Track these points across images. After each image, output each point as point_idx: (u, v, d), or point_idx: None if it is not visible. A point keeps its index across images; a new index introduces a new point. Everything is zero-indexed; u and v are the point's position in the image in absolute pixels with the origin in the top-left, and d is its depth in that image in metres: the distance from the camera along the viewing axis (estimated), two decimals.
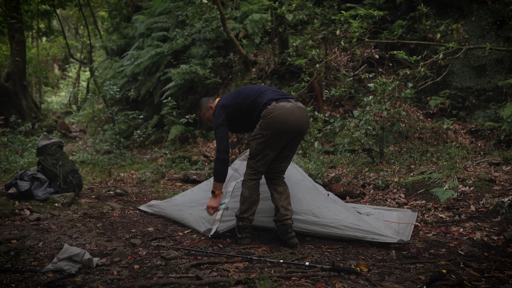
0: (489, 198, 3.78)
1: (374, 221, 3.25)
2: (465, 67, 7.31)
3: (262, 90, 3.12)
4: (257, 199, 3.07)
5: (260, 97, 3.05)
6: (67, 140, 13.63)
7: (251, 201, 3.04)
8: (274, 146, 2.99)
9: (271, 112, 2.92)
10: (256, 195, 3.06)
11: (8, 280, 2.31)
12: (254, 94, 3.09)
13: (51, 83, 23.99)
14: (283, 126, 2.92)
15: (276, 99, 2.98)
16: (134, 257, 2.81)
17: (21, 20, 13.64)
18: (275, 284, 2.27)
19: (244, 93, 3.14)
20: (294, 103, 2.98)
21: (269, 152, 3.00)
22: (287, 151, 3.11)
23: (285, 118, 2.90)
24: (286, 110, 2.92)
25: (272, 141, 2.97)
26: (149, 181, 6.66)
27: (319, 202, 3.31)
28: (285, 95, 3.06)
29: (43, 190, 4.31)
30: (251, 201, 3.04)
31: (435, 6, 7.96)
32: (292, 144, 3.09)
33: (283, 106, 2.93)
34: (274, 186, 3.13)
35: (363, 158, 6.08)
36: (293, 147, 3.12)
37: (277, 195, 3.08)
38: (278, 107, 2.92)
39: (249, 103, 3.08)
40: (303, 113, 3.00)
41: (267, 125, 2.94)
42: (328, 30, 7.38)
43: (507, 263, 2.56)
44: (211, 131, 9.84)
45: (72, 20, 23.66)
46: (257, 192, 3.07)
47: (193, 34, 10.65)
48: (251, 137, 3.04)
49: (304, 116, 3.00)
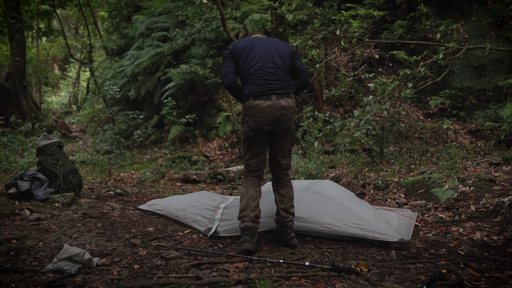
0: (489, 198, 3.78)
1: (375, 219, 3.24)
2: (465, 67, 7.31)
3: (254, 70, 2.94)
4: (255, 194, 2.93)
5: (248, 80, 2.95)
6: (67, 140, 13.63)
7: (248, 196, 2.91)
8: (256, 143, 2.96)
9: (247, 110, 2.92)
10: (254, 190, 2.94)
11: (8, 280, 2.31)
12: (248, 69, 2.96)
13: (51, 83, 23.99)
14: (256, 125, 2.90)
15: (255, 96, 2.90)
16: (134, 257, 2.81)
17: (21, 20, 13.64)
18: (275, 284, 2.27)
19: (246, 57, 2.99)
20: (272, 101, 2.86)
21: (254, 149, 2.98)
22: (275, 147, 3.04)
23: (256, 118, 2.88)
24: (258, 110, 2.87)
25: (252, 138, 2.95)
26: (149, 181, 6.66)
27: (320, 202, 3.32)
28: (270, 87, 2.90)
29: (43, 190, 4.31)
30: (248, 196, 2.91)
31: (435, 6, 7.96)
32: (277, 140, 3.01)
33: (258, 106, 2.87)
34: (277, 187, 3.07)
35: (363, 158, 6.08)
36: (279, 143, 3.02)
37: (278, 197, 3.03)
38: (253, 106, 2.89)
39: (242, 71, 3.00)
40: (277, 112, 2.86)
41: (244, 121, 2.96)
42: (328, 30, 7.38)
43: (507, 263, 2.56)
44: (211, 131, 9.84)
45: (72, 20, 23.66)
46: (255, 188, 2.96)
47: (193, 34, 10.65)
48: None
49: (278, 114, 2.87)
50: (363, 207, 3.42)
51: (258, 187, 2.99)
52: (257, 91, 2.90)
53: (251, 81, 2.93)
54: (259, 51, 2.99)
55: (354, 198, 3.65)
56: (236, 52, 3.03)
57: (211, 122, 9.90)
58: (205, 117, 10.31)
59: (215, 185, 6.32)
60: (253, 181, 3.00)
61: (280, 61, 2.97)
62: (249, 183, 2.98)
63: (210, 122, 9.96)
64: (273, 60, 2.96)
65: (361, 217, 3.20)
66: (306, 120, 6.55)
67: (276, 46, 3.05)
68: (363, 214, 3.27)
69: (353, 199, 3.60)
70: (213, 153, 8.95)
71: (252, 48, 3.01)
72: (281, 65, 2.97)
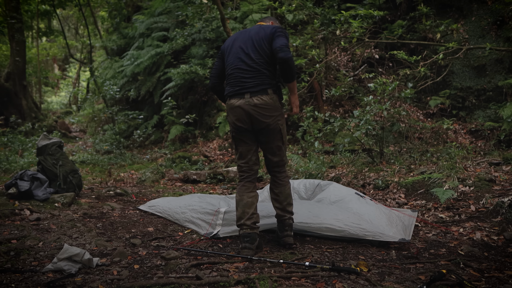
0: (489, 198, 3.78)
1: (376, 219, 3.23)
2: (465, 67, 7.31)
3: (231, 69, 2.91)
4: (250, 201, 2.84)
5: (227, 80, 2.95)
6: (67, 140, 13.62)
7: (243, 203, 2.83)
8: (241, 141, 2.94)
9: (227, 110, 2.95)
10: (249, 197, 2.86)
11: (8, 280, 2.31)
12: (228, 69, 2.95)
13: (51, 83, 23.99)
14: (234, 124, 2.91)
15: (229, 96, 2.90)
16: (134, 257, 2.81)
17: (21, 20, 13.64)
18: (275, 284, 2.27)
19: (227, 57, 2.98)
20: (245, 99, 2.81)
21: (240, 148, 2.96)
22: (262, 145, 2.99)
23: (233, 117, 2.89)
24: (232, 109, 2.87)
25: (235, 137, 2.96)
26: (149, 181, 6.66)
27: (320, 204, 3.33)
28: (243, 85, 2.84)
29: (43, 190, 4.31)
30: (243, 204, 2.83)
31: (435, 6, 7.96)
32: (261, 138, 2.94)
33: (231, 105, 2.88)
34: (272, 186, 3.03)
35: (363, 158, 6.08)
36: (264, 141, 2.94)
37: (273, 196, 2.99)
38: (228, 105, 2.90)
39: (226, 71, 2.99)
40: (250, 110, 2.80)
41: (228, 122, 3.03)
42: (328, 30, 7.38)
43: (507, 263, 2.56)
44: (211, 131, 9.85)
45: (72, 20, 23.66)
46: (249, 193, 2.87)
47: (193, 34, 10.65)
48: None
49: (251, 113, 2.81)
50: (364, 207, 3.42)
51: (252, 191, 2.91)
52: (231, 91, 2.89)
53: (228, 81, 2.95)
54: (237, 49, 2.92)
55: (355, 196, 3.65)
56: (223, 51, 3.04)
57: (211, 122, 9.90)
58: (205, 117, 10.31)
59: (215, 185, 6.32)
60: (247, 186, 2.92)
61: (256, 55, 2.85)
62: (243, 189, 2.90)
63: (210, 122, 9.95)
64: (248, 55, 2.86)
65: (361, 217, 3.20)
66: (306, 120, 6.55)
67: (257, 35, 2.89)
68: (364, 214, 3.26)
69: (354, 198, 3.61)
70: (213, 153, 8.95)
71: (233, 46, 2.96)
72: (257, 59, 2.84)
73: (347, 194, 3.68)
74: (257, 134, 2.94)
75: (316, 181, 4.25)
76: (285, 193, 2.97)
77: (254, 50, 2.86)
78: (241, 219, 2.81)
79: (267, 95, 2.83)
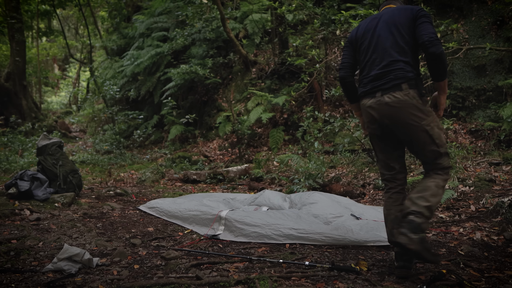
0: (489, 198, 3.78)
1: (377, 226, 3.26)
2: (465, 67, 7.31)
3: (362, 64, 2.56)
4: (400, 215, 2.38)
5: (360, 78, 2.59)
6: (67, 140, 13.62)
7: (391, 218, 2.45)
8: (378, 146, 2.58)
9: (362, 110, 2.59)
10: (397, 211, 2.44)
11: (8, 280, 2.31)
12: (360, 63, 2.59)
13: (51, 83, 23.99)
14: (368, 128, 2.59)
15: (361, 96, 2.55)
16: (134, 257, 2.81)
17: (21, 20, 13.64)
18: (275, 284, 2.27)
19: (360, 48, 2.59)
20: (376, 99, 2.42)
21: (379, 154, 2.59)
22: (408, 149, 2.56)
23: (365, 119, 2.57)
24: (364, 110, 2.55)
25: (372, 142, 2.63)
26: (149, 181, 6.66)
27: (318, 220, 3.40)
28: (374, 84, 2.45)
29: (43, 190, 4.31)
30: (391, 219, 2.45)
31: (435, 6, 7.96)
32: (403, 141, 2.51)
33: (363, 106, 2.54)
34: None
35: (363, 158, 6.08)
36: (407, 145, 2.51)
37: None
38: (361, 106, 2.58)
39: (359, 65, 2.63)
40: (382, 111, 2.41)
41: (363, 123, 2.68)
42: (328, 30, 7.38)
43: (507, 263, 2.56)
44: (211, 131, 9.84)
45: (72, 20, 23.66)
46: (397, 207, 2.46)
47: (193, 34, 10.65)
48: None
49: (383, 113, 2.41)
50: (363, 210, 3.45)
51: (401, 205, 2.45)
52: (362, 91, 2.53)
53: (361, 79, 2.59)
54: (371, 39, 2.52)
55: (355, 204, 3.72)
56: (356, 40, 2.62)
57: (211, 122, 9.90)
58: (205, 117, 10.31)
59: (215, 185, 6.32)
60: (394, 199, 2.50)
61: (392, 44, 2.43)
62: (390, 202, 2.50)
63: (210, 122, 9.95)
64: (383, 47, 2.45)
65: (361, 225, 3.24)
66: (306, 120, 6.55)
67: (394, 21, 2.47)
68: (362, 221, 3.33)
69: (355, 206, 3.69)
70: (213, 153, 8.95)
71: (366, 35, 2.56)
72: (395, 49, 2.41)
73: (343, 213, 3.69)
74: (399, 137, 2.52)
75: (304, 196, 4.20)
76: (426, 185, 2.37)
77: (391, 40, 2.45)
78: (392, 235, 2.40)
79: (402, 91, 2.36)
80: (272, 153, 7.55)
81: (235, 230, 3.29)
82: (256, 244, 3.11)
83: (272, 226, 3.22)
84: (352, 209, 3.70)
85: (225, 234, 3.31)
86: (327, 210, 3.61)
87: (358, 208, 3.75)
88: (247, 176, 6.56)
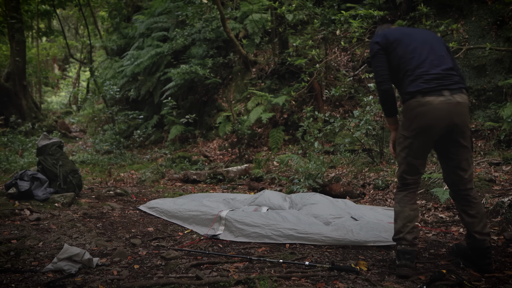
0: (489, 198, 3.78)
1: (377, 226, 3.26)
2: (465, 67, 7.31)
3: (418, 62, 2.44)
4: (412, 214, 2.45)
5: (410, 77, 2.44)
6: (67, 140, 13.62)
7: (404, 216, 2.44)
8: (418, 151, 2.44)
9: (413, 109, 2.40)
10: (411, 209, 2.46)
11: (8, 280, 2.31)
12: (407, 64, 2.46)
13: (51, 83, 23.99)
14: (426, 127, 2.38)
15: (424, 92, 2.38)
16: (134, 257, 2.81)
17: (21, 20, 13.64)
18: (275, 284, 2.27)
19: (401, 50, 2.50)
20: (447, 96, 2.35)
21: (412, 159, 2.45)
22: (454, 156, 2.47)
23: (426, 115, 2.36)
24: (432, 108, 2.35)
25: (416, 145, 2.43)
26: (149, 181, 6.66)
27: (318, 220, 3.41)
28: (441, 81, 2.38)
29: (43, 190, 4.31)
30: (404, 216, 2.44)
31: (435, 6, 7.96)
32: (455, 147, 2.45)
33: (430, 103, 2.35)
34: (463, 207, 2.51)
35: (363, 158, 6.08)
36: (460, 151, 2.46)
37: (468, 219, 2.47)
38: (423, 103, 2.36)
39: (399, 69, 2.50)
40: (455, 106, 2.36)
41: (409, 124, 2.42)
42: (328, 30, 7.38)
43: (507, 263, 2.56)
44: (211, 131, 9.85)
45: (72, 20, 23.66)
46: (412, 206, 2.47)
47: (193, 34, 10.65)
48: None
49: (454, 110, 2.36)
50: (362, 212, 3.46)
51: (415, 204, 2.51)
52: (425, 87, 2.38)
53: (415, 76, 2.43)
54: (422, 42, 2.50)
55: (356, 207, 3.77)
56: (391, 44, 2.53)
57: (211, 122, 9.90)
58: (205, 117, 10.31)
59: (215, 185, 6.32)
60: (410, 197, 2.49)
61: (446, 55, 2.49)
62: (405, 200, 2.48)
63: (210, 122, 9.95)
64: (439, 53, 2.47)
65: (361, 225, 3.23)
66: (306, 120, 6.55)
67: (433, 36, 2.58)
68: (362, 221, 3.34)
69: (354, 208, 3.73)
70: (213, 153, 8.95)
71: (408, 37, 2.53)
72: (449, 59, 2.49)
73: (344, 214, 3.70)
74: (448, 143, 2.47)
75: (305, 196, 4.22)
76: (482, 212, 2.48)
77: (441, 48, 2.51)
78: (400, 232, 2.43)
79: (466, 95, 2.43)
80: (272, 153, 7.55)
81: (235, 231, 3.29)
82: (256, 244, 3.11)
83: (272, 226, 3.22)
84: (352, 212, 3.71)
85: (225, 234, 3.31)
86: (327, 211, 3.61)
87: (358, 211, 3.75)
88: (247, 176, 6.56)
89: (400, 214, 2.46)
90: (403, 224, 2.43)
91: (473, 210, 2.47)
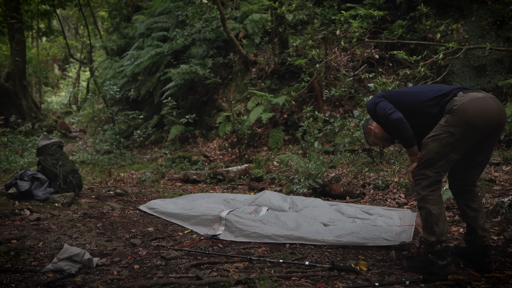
0: (489, 198, 3.78)
1: (375, 227, 3.26)
2: (465, 67, 7.30)
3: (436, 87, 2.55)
4: (445, 212, 2.46)
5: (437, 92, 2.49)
6: (67, 140, 13.62)
7: (443, 217, 2.42)
8: (462, 147, 2.41)
9: (461, 104, 2.36)
10: (444, 208, 2.46)
11: (8, 280, 2.31)
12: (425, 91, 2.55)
13: (51, 83, 23.99)
14: (478, 120, 2.33)
15: (463, 89, 2.44)
16: (134, 257, 2.81)
17: (21, 20, 13.64)
18: (275, 284, 2.27)
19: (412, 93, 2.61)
20: (485, 93, 2.43)
21: (454, 155, 2.41)
22: (481, 155, 2.50)
23: (481, 110, 2.33)
24: (480, 100, 2.35)
25: (462, 141, 2.37)
26: (149, 181, 6.66)
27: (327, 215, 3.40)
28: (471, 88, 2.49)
29: (43, 190, 4.31)
30: (443, 218, 2.41)
31: (435, 6, 7.96)
32: (486, 146, 2.48)
33: (475, 96, 2.37)
34: (467, 201, 2.55)
35: (363, 158, 6.08)
36: (489, 151, 2.51)
37: (471, 213, 2.52)
38: (469, 97, 2.36)
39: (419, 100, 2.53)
40: (499, 104, 2.40)
41: (458, 119, 2.34)
42: (328, 30, 7.38)
43: (507, 263, 2.56)
44: (211, 131, 9.84)
45: (72, 20, 23.66)
46: (443, 204, 2.47)
47: (193, 34, 10.66)
48: (430, 138, 2.42)
49: (501, 108, 2.40)
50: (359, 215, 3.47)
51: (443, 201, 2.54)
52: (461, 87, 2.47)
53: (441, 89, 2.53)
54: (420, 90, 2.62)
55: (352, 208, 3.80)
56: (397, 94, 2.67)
57: (211, 122, 9.90)
58: (205, 117, 10.31)
59: (215, 185, 6.32)
60: (441, 195, 2.49)
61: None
62: (440, 200, 2.44)
63: (210, 122, 9.96)
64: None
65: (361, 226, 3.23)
66: (306, 120, 6.55)
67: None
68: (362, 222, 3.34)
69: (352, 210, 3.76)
70: (213, 153, 8.95)
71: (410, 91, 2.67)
72: None
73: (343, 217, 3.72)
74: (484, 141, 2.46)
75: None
76: (483, 207, 2.58)
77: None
78: (442, 235, 2.40)
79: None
80: (272, 153, 7.55)
81: (235, 231, 3.29)
82: (256, 244, 3.11)
83: (273, 226, 3.22)
84: (352, 216, 3.73)
85: (225, 234, 3.31)
86: (327, 214, 3.63)
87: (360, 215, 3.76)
88: (247, 176, 6.56)
89: (440, 216, 2.41)
90: (444, 225, 2.41)
91: (475, 204, 2.52)
